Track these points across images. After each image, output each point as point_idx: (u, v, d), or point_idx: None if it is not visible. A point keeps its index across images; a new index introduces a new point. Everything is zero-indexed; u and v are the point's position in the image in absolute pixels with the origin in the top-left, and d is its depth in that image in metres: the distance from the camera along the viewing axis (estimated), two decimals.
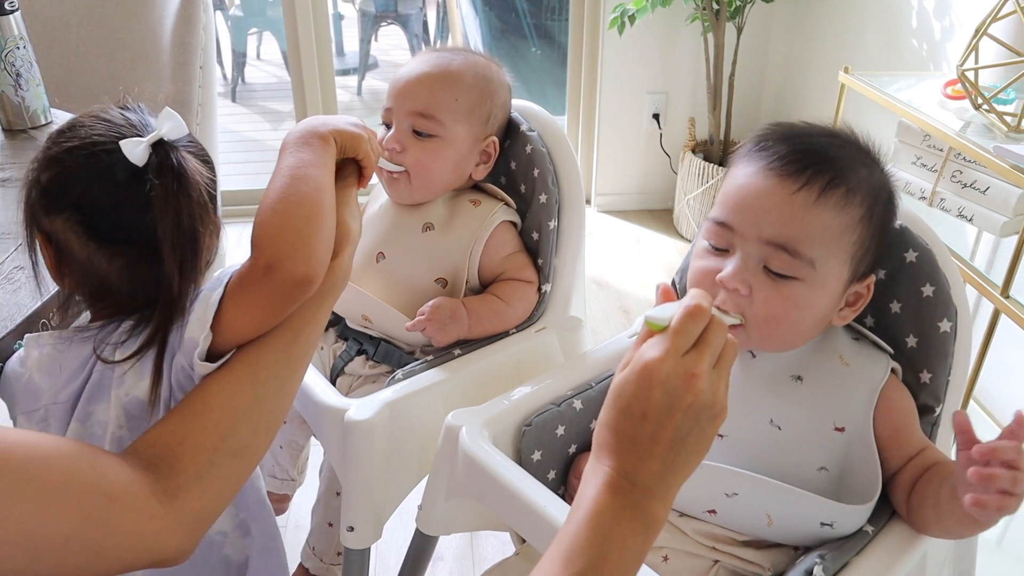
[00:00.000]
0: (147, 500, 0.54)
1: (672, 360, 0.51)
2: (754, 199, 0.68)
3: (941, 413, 0.77)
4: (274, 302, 0.62)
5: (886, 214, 0.73)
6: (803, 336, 0.73)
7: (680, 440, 0.51)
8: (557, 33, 4.40)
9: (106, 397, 0.67)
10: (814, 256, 0.67)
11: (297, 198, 0.62)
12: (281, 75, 4.39)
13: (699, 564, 0.74)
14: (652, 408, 0.51)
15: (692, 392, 0.50)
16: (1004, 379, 1.54)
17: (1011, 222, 1.22)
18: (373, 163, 0.74)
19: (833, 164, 0.69)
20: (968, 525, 0.64)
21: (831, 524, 0.68)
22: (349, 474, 0.88)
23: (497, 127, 1.04)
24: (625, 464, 0.52)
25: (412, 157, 0.98)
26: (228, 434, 0.60)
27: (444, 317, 0.96)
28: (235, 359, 0.63)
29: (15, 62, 1.23)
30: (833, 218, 0.68)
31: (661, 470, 0.51)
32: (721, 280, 0.69)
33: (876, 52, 2.00)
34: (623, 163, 2.66)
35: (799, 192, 0.67)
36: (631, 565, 0.51)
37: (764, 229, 0.68)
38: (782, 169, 0.68)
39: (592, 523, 0.50)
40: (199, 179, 0.67)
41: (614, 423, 0.53)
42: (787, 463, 0.72)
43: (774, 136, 0.72)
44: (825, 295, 0.70)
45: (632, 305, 2.20)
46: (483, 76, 1.00)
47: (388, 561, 1.38)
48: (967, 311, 0.76)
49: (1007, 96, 1.28)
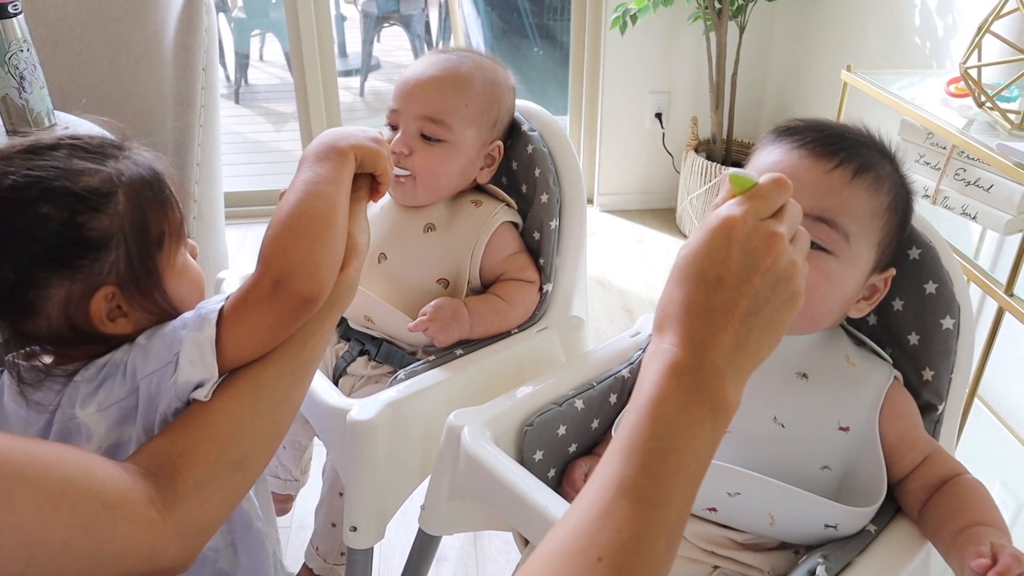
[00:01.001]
0: (145, 509, 0.53)
1: (753, 220, 0.48)
2: (790, 173, 0.67)
3: (944, 411, 0.76)
4: (281, 319, 0.61)
5: (907, 211, 0.74)
6: (829, 316, 0.73)
7: (756, 311, 0.47)
8: (559, 33, 4.40)
9: (82, 442, 0.64)
10: (850, 230, 0.68)
11: (310, 215, 0.62)
12: (284, 76, 4.40)
13: (698, 570, 0.73)
14: (731, 270, 0.47)
15: (773, 254, 0.47)
16: (1008, 377, 1.54)
17: (1015, 220, 1.22)
18: (390, 179, 0.73)
19: (862, 151, 0.71)
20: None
21: (835, 526, 0.68)
22: (352, 474, 0.88)
23: (502, 131, 1.04)
24: (694, 337, 0.46)
25: (420, 161, 0.98)
26: (229, 446, 0.59)
27: (446, 317, 0.96)
28: (237, 372, 0.62)
29: (19, 65, 1.24)
30: (867, 199, 0.69)
31: (733, 346, 0.46)
32: None
33: (879, 50, 2.00)
34: (625, 162, 2.66)
35: (835, 170, 0.69)
36: (701, 456, 0.45)
37: (801, 201, 0.67)
38: (816, 149, 0.70)
39: (655, 411, 0.45)
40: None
41: (684, 291, 0.48)
42: (790, 461, 0.72)
43: (800, 125, 0.73)
44: (855, 275, 0.70)
45: (635, 305, 2.20)
46: (491, 80, 1.00)
47: (392, 561, 1.39)
48: (970, 308, 0.76)
49: (1010, 94, 1.28)
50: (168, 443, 0.58)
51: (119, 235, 0.62)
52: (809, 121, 0.74)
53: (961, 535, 0.65)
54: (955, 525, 0.66)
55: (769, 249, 0.47)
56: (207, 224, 1.51)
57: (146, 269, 0.64)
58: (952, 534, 0.65)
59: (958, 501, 0.68)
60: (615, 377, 0.89)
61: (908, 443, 0.72)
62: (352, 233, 0.67)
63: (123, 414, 0.62)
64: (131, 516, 0.53)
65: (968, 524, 0.65)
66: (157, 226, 0.64)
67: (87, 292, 0.61)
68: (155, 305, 0.65)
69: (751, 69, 2.44)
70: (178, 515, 0.55)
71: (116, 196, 0.62)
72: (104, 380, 0.63)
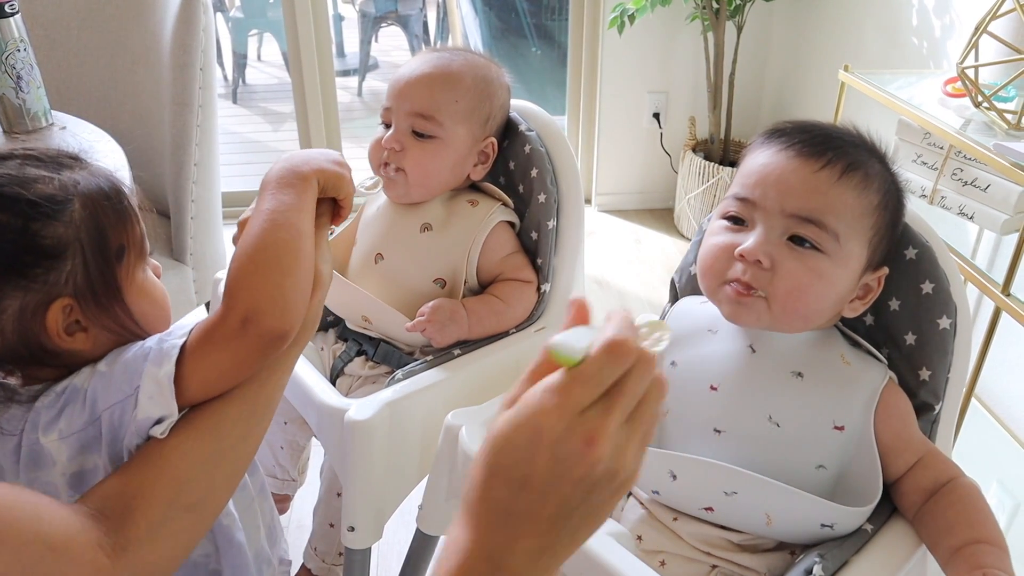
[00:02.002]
0: (94, 553, 0.51)
1: (570, 417, 0.39)
2: (778, 175, 0.69)
3: (941, 411, 0.76)
4: (249, 357, 0.58)
5: (898, 209, 0.74)
6: (821, 315, 0.73)
7: (565, 516, 0.40)
8: (557, 33, 4.40)
9: (48, 467, 0.61)
10: (839, 230, 0.68)
11: (276, 248, 0.59)
12: (282, 76, 4.40)
13: (697, 569, 0.73)
14: (537, 473, 0.39)
15: (587, 463, 0.39)
16: (1005, 377, 1.54)
17: (1012, 220, 1.22)
18: (351, 203, 0.71)
19: (850, 151, 0.71)
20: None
21: (831, 525, 0.68)
22: (349, 474, 0.88)
23: (496, 128, 1.04)
24: (492, 542, 0.40)
25: (411, 157, 0.99)
26: (185, 487, 0.57)
27: (444, 318, 0.96)
28: (198, 409, 0.59)
29: (16, 64, 1.24)
30: (855, 198, 0.69)
31: (536, 552, 0.40)
32: (742, 252, 0.69)
33: (876, 50, 2.00)
34: (623, 162, 2.66)
35: (822, 170, 0.69)
36: None
37: (789, 203, 0.68)
38: (803, 149, 0.70)
39: None
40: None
41: (486, 484, 0.41)
42: (785, 460, 0.72)
43: (789, 126, 0.74)
44: (846, 274, 0.71)
45: (633, 304, 2.20)
46: (483, 77, 1.01)
47: (390, 561, 1.39)
48: (966, 308, 0.76)
49: (1007, 94, 1.28)
50: (122, 483, 0.56)
51: (76, 244, 0.59)
52: (798, 122, 0.74)
53: (958, 554, 0.65)
54: (953, 541, 0.66)
55: (583, 457, 0.39)
56: (204, 224, 1.51)
57: (105, 281, 0.61)
58: (950, 551, 0.66)
59: (954, 513, 0.68)
60: None
61: (903, 443, 0.73)
62: (316, 263, 0.64)
63: (84, 443, 0.60)
64: (79, 560, 0.50)
65: (966, 542, 0.65)
66: (116, 238, 0.62)
67: (43, 304, 0.59)
68: (115, 321, 0.62)
69: (749, 69, 2.44)
70: (129, 560, 0.53)
71: (72, 204, 0.60)
72: (64, 407, 0.60)
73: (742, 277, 0.70)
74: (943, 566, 0.67)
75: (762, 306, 0.70)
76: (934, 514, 0.69)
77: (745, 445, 0.73)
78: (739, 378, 0.75)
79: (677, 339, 0.83)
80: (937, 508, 0.69)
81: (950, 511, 0.68)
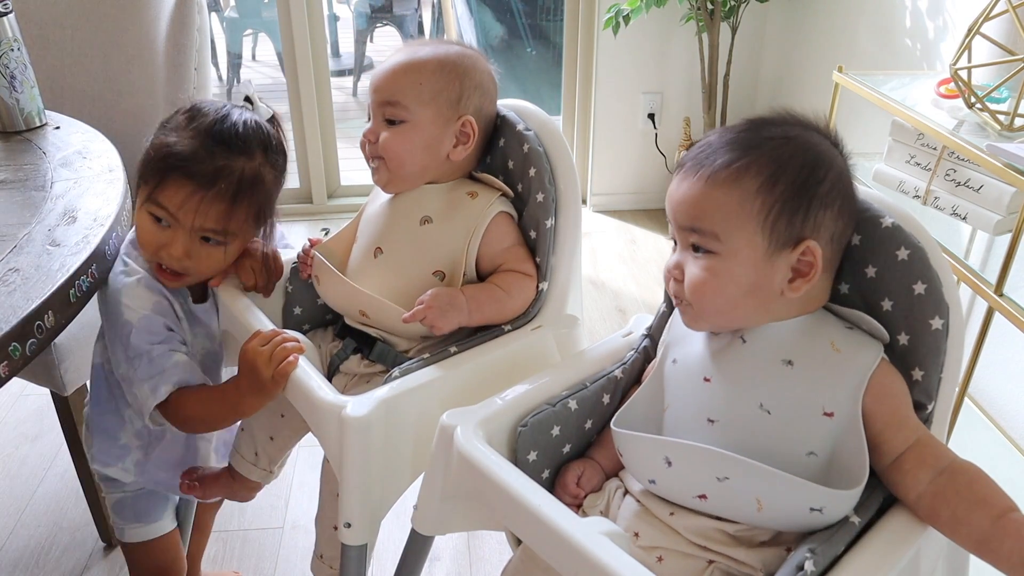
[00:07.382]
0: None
1: None
2: (672, 197, 0.80)
3: (934, 410, 0.77)
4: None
5: (800, 178, 0.74)
6: (736, 306, 0.75)
7: None
8: (552, 33, 4.41)
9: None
10: (716, 230, 0.74)
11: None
12: (277, 76, 4.39)
13: (694, 564, 0.74)
14: None
15: None
16: (999, 377, 1.55)
17: (1004, 220, 1.23)
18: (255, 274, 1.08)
19: (724, 149, 0.77)
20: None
21: (820, 509, 0.69)
22: (346, 470, 0.88)
23: (473, 108, 1.04)
24: None
25: (384, 143, 1.02)
26: None
27: (443, 304, 0.96)
28: None
29: (9, 64, 1.23)
30: (725, 194, 0.74)
31: None
32: (665, 269, 0.81)
33: (870, 51, 2.01)
34: (618, 163, 2.67)
35: (695, 182, 0.77)
36: None
37: (679, 218, 0.79)
38: (688, 168, 0.79)
39: None
40: None
41: None
42: (776, 448, 0.73)
43: (691, 151, 0.82)
44: (741, 264, 0.74)
45: (628, 304, 2.21)
46: (450, 59, 1.03)
47: (384, 562, 1.39)
48: (959, 308, 0.77)
49: (1000, 95, 1.29)
50: None
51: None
52: (700, 140, 0.82)
53: (1001, 521, 0.66)
54: (990, 512, 0.67)
55: None
56: None
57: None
58: (990, 520, 0.67)
59: (981, 486, 0.69)
60: (608, 377, 0.89)
61: (899, 420, 0.73)
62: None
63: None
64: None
65: (1005, 511, 0.67)
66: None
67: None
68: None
69: (743, 70, 2.45)
70: None
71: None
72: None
73: (672, 291, 0.80)
74: (980, 540, 0.67)
75: (691, 312, 0.78)
76: (957, 488, 0.70)
77: (737, 433, 0.74)
78: (731, 368, 0.77)
79: (677, 338, 0.84)
80: (960, 482, 0.70)
81: (976, 484, 0.69)
